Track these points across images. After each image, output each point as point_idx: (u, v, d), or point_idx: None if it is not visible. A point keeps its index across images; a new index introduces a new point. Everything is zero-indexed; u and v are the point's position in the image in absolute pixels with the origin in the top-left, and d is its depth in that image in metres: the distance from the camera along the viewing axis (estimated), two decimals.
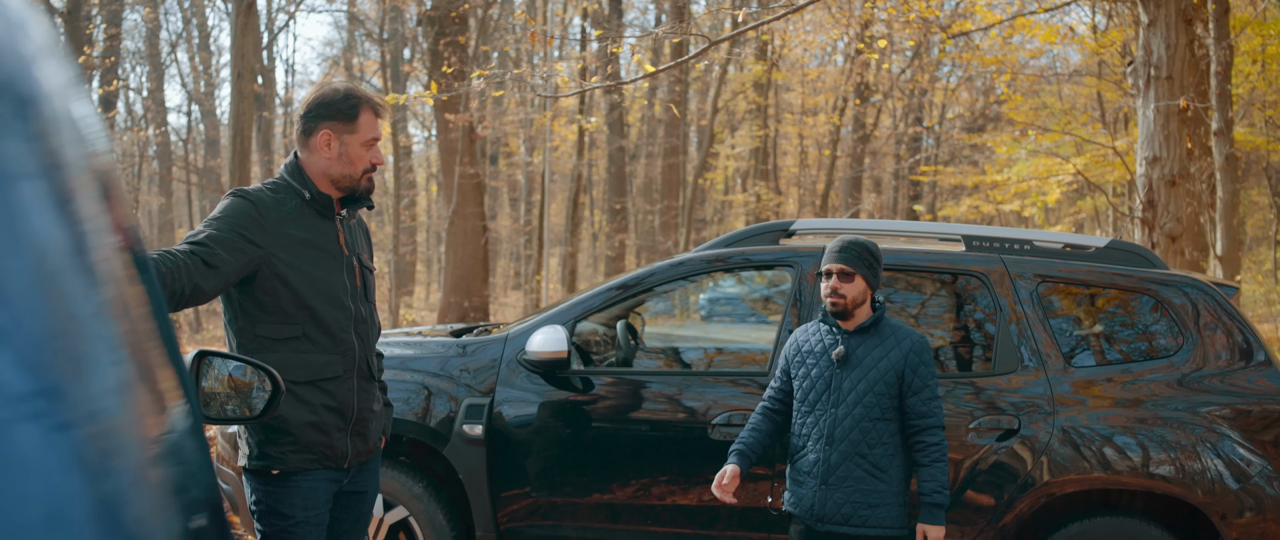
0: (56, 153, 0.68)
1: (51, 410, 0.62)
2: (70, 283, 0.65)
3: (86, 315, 0.66)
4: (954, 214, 29.44)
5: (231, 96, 13.44)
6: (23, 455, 0.60)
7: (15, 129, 0.65)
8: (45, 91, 0.69)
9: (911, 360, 4.08)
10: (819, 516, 4.09)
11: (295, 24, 54.31)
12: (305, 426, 3.40)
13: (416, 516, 5.25)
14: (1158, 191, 9.17)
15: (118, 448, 0.66)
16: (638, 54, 9.40)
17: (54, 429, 0.62)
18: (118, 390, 0.67)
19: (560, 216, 32.15)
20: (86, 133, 0.72)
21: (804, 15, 20.09)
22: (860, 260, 4.14)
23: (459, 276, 21.40)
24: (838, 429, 4.07)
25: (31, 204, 0.64)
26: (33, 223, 0.64)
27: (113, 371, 0.67)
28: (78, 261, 0.66)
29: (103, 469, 0.64)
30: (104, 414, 0.65)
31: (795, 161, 37.83)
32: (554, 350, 5.07)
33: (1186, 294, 5.05)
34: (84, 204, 0.69)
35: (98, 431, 0.64)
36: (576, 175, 29.77)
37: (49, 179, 0.66)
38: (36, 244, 0.64)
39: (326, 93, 3.56)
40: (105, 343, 0.67)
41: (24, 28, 0.70)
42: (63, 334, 0.64)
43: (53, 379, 0.63)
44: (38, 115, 0.67)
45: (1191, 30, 10.03)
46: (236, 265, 3.28)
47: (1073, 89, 27.83)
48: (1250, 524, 4.68)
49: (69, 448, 0.62)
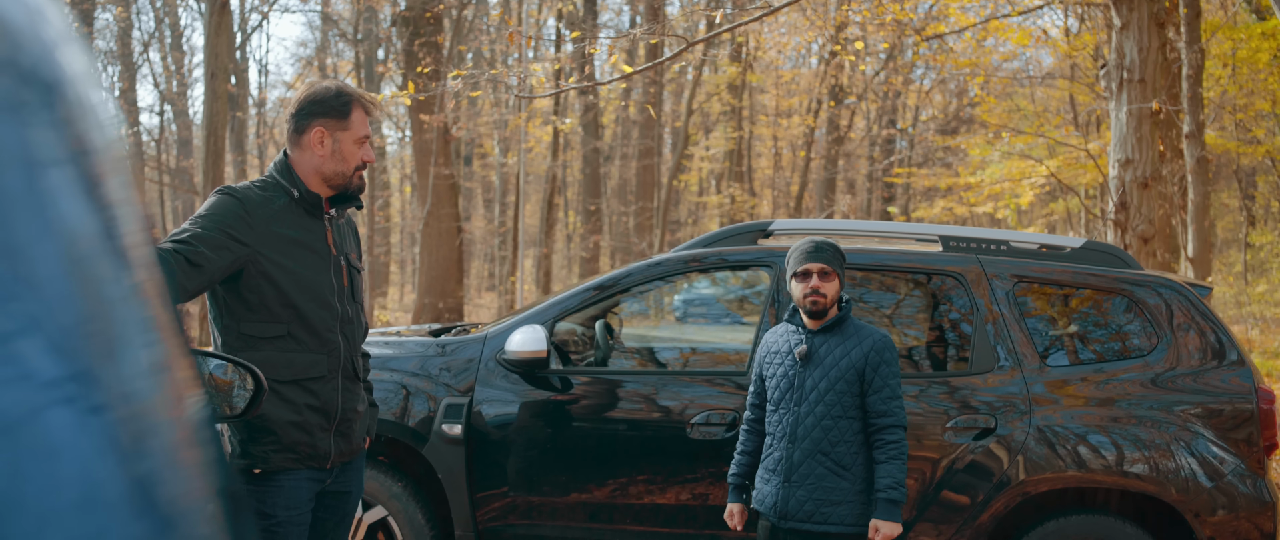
0: (83, 138, 0.68)
1: (84, 394, 0.63)
2: (101, 268, 0.66)
3: (118, 299, 0.67)
4: (928, 216, 29.60)
5: (205, 96, 13.41)
6: (56, 440, 0.61)
7: (42, 116, 0.66)
8: (69, 76, 0.69)
9: (872, 358, 4.09)
10: (782, 513, 4.11)
11: (269, 24, 54.10)
12: (288, 426, 3.38)
13: (395, 516, 5.24)
14: (1130, 193, 9.24)
15: (151, 429, 0.66)
16: (615, 55, 9.41)
17: (87, 412, 0.63)
18: (151, 372, 0.68)
19: (534, 218, 32.16)
20: (105, 119, 0.73)
21: (779, 17, 20.13)
22: (835, 259, 4.18)
23: (433, 278, 21.37)
24: (800, 427, 4.09)
25: (61, 191, 0.65)
26: (62, 209, 0.65)
27: (145, 353, 0.68)
28: (108, 246, 0.67)
29: (137, 451, 0.65)
30: (137, 396, 0.66)
31: (769, 163, 37.94)
32: (533, 350, 5.07)
33: (1160, 294, 5.10)
34: (112, 189, 0.70)
35: (131, 413, 0.65)
36: (551, 176, 29.76)
37: (77, 165, 0.67)
38: (66, 231, 0.65)
39: (318, 91, 3.56)
40: (137, 325, 0.68)
41: (44, 12, 0.70)
42: (94, 318, 0.65)
43: (85, 363, 0.64)
44: (63, 100, 0.68)
45: (1164, 34, 10.11)
46: (222, 264, 3.27)
47: (1045, 92, 28.03)
48: (1223, 521, 4.73)
49: (102, 430, 0.63)
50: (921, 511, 4.90)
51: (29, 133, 0.65)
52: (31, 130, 0.65)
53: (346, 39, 33.16)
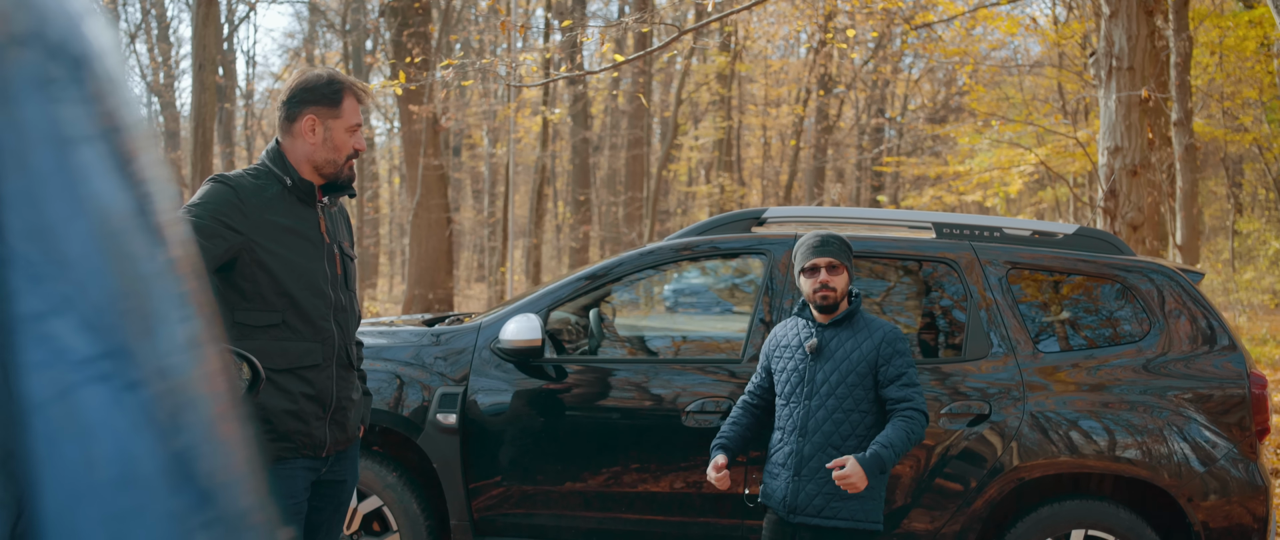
0: (113, 114, 0.68)
1: (119, 371, 0.63)
2: (134, 245, 0.66)
3: (152, 276, 0.67)
4: (917, 204, 29.63)
5: (192, 88, 13.34)
6: (92, 417, 0.61)
7: (72, 92, 0.65)
8: (96, 50, 0.69)
9: (884, 351, 4.08)
10: (791, 508, 4.09)
11: (256, 15, 53.82)
12: (283, 415, 3.38)
13: (390, 506, 5.23)
14: (1119, 181, 9.27)
15: (189, 404, 0.66)
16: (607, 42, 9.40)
17: (123, 389, 0.62)
18: (187, 347, 0.68)
19: (524, 208, 32.09)
20: (132, 95, 0.72)
21: (768, 6, 20.13)
22: (843, 252, 4.17)
23: (423, 269, 21.33)
24: (811, 421, 4.08)
25: (92, 169, 0.65)
26: (94, 187, 0.64)
27: (182, 329, 0.68)
28: (141, 223, 0.67)
29: (174, 425, 0.64)
30: (174, 371, 0.66)
31: (759, 153, 37.96)
32: (527, 339, 5.07)
33: (1152, 280, 5.11)
34: (144, 166, 0.69)
35: (168, 389, 0.65)
36: (540, 167, 29.70)
37: (108, 142, 0.66)
38: (98, 209, 0.64)
39: (310, 78, 3.54)
40: (172, 301, 0.68)
41: None
42: (128, 296, 0.65)
43: (120, 340, 0.63)
44: (92, 75, 0.67)
45: (1152, 22, 10.12)
46: (216, 252, 3.25)
47: (1034, 80, 28.06)
48: (1216, 506, 4.76)
49: (139, 406, 0.63)
50: (916, 498, 4.91)
51: (59, 109, 0.64)
52: (61, 107, 0.64)
53: (335, 30, 33.08)
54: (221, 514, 0.66)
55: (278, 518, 0.80)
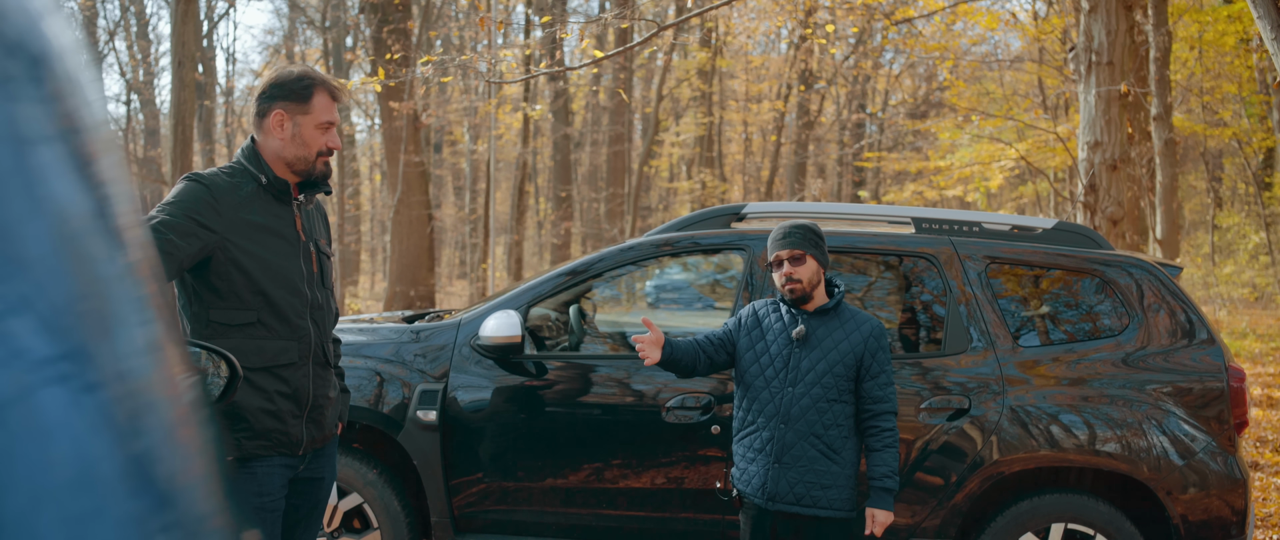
0: (72, 115, 0.67)
1: (78, 372, 0.62)
2: (94, 247, 0.65)
3: (111, 278, 0.66)
4: (898, 199, 29.74)
5: (172, 85, 13.28)
6: (49, 419, 0.60)
7: (29, 91, 0.65)
8: (56, 49, 0.68)
9: (871, 345, 4.11)
10: (771, 495, 4.10)
11: (236, 11, 53.66)
12: (260, 413, 3.36)
13: (371, 503, 5.22)
14: (1099, 176, 9.31)
15: (148, 407, 0.66)
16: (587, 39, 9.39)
17: (81, 391, 0.62)
18: (146, 350, 0.68)
19: (505, 205, 32.09)
20: (94, 96, 0.72)
21: (748, 2, 20.14)
22: (806, 241, 4.16)
23: (405, 265, 21.30)
24: (794, 408, 4.09)
25: (51, 169, 0.64)
26: (52, 188, 0.64)
27: (141, 332, 0.67)
28: (101, 225, 0.66)
29: (133, 428, 0.64)
30: (133, 374, 0.66)
31: (740, 148, 38.00)
32: (508, 335, 5.06)
33: (1131, 274, 5.14)
34: (104, 167, 0.69)
35: (127, 391, 0.64)
36: (521, 163, 29.68)
37: (67, 142, 0.66)
38: (57, 209, 0.64)
39: (281, 74, 3.52)
40: (132, 304, 0.67)
41: None
42: (87, 297, 0.64)
43: (78, 342, 0.63)
44: (51, 75, 0.66)
45: (1131, 16, 10.17)
46: (190, 251, 3.23)
47: (1014, 76, 28.17)
48: (1194, 498, 4.78)
49: (97, 409, 0.62)
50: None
51: (16, 108, 0.63)
52: (18, 106, 0.63)
53: (314, 26, 32.99)
54: (181, 517, 0.66)
55: (240, 521, 0.80)
